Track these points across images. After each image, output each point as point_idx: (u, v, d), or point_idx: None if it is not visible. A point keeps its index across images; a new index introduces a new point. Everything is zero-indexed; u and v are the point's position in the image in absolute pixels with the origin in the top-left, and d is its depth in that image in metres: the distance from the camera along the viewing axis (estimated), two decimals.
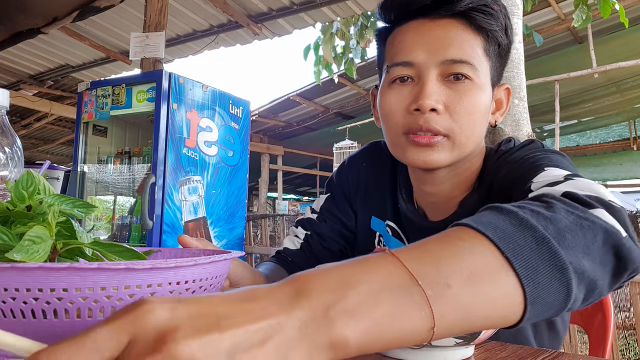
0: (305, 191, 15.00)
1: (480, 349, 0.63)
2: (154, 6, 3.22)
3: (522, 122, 2.28)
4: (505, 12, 0.76)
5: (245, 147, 3.23)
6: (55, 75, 5.45)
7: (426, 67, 0.72)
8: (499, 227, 0.39)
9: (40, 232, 0.47)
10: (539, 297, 0.38)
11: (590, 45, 4.65)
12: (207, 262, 0.48)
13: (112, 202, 3.17)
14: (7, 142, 0.65)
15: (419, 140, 0.72)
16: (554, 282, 0.39)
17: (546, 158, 0.67)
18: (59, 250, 0.50)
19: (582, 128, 8.20)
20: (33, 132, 7.61)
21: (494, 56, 0.76)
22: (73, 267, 0.40)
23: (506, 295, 0.37)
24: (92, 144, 3.11)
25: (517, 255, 0.38)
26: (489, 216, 0.41)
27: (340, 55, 5.30)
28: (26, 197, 0.50)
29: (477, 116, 0.73)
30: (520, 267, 0.37)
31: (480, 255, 0.37)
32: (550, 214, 0.43)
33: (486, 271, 0.37)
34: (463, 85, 0.72)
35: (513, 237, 0.39)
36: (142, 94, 2.79)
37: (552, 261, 0.39)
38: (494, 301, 0.37)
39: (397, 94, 0.74)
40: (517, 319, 0.39)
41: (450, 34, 0.72)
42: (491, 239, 0.38)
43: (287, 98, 7.23)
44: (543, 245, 0.39)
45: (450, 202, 0.81)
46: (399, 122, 0.74)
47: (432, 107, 0.70)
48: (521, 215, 0.41)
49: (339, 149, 7.43)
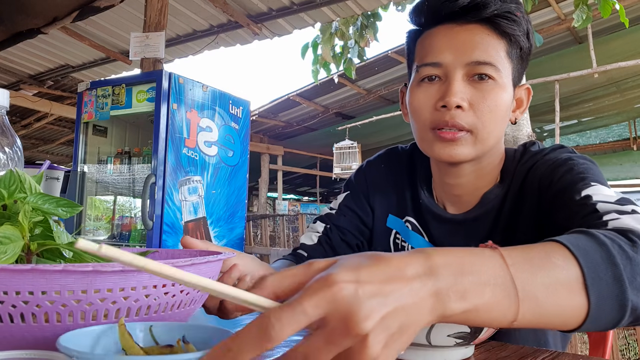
0: (305, 191, 15.00)
1: (481, 349, 0.63)
2: (154, 6, 3.22)
3: (522, 122, 2.28)
4: (527, 18, 0.82)
5: (245, 147, 3.22)
6: (55, 75, 5.45)
7: (453, 68, 0.78)
8: (589, 254, 0.47)
9: (9, 232, 0.45)
10: (596, 319, 0.47)
11: (590, 45, 4.65)
12: (188, 264, 0.46)
13: (112, 202, 3.17)
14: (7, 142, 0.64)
15: (445, 135, 0.78)
16: (613, 312, 0.47)
17: (585, 167, 0.74)
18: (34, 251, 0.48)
19: (582, 128, 8.20)
20: (33, 132, 7.61)
21: (516, 58, 0.82)
22: (37, 269, 0.38)
23: (574, 312, 0.46)
24: (92, 144, 3.11)
25: (595, 288, 0.45)
26: (584, 241, 0.48)
27: (340, 55, 5.30)
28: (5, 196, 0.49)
29: (498, 114, 0.78)
30: (594, 296, 0.45)
31: (568, 276, 0.45)
32: (633, 255, 0.49)
33: (568, 288, 0.45)
34: (487, 84, 0.77)
35: (597, 270, 0.46)
36: (142, 94, 2.79)
37: (619, 297, 0.47)
38: (563, 314, 0.45)
39: (426, 92, 0.80)
40: (574, 327, 0.48)
41: (476, 37, 0.78)
42: (581, 265, 0.45)
43: (287, 98, 7.23)
44: (617, 282, 0.47)
45: (472, 195, 0.86)
46: (427, 118, 0.80)
47: (458, 104, 0.76)
48: (609, 248, 0.48)
49: (339, 149, 7.43)
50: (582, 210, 0.65)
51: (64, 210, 0.52)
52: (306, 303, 0.33)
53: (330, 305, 0.33)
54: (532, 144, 0.88)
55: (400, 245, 0.95)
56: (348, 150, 7.35)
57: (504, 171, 0.86)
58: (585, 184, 0.69)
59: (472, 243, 0.83)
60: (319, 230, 0.99)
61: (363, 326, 0.33)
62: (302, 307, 0.33)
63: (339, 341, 0.33)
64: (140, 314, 0.45)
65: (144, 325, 0.42)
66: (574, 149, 0.82)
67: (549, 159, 0.79)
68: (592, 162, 0.77)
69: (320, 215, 1.03)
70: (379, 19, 5.20)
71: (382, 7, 4.65)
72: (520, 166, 0.83)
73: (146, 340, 0.42)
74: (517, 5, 0.80)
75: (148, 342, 0.42)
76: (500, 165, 0.87)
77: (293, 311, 0.33)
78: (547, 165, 0.78)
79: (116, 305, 0.43)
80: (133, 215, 3.10)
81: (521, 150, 0.87)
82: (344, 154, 7.39)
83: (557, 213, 0.72)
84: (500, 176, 0.86)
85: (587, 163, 0.76)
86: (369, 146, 7.99)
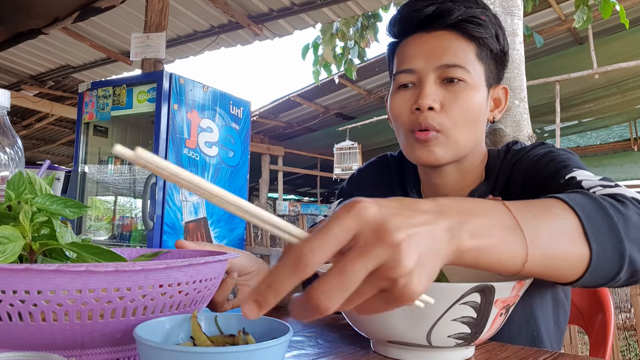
0: (305, 192, 14.99)
1: (481, 350, 0.63)
2: (155, 7, 3.22)
3: (523, 123, 2.28)
4: (495, 21, 0.86)
5: (246, 147, 3.22)
6: (56, 75, 5.46)
7: (425, 72, 0.83)
8: (585, 208, 0.51)
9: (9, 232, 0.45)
10: (597, 267, 0.51)
11: (590, 46, 4.65)
12: (185, 265, 0.47)
13: (112, 203, 3.17)
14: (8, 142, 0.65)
15: (419, 136, 0.82)
16: (613, 261, 0.51)
17: (566, 157, 0.78)
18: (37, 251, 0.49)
19: (582, 129, 8.20)
20: (34, 133, 7.61)
21: (488, 60, 0.86)
22: (31, 268, 0.39)
23: (577, 258, 0.50)
24: (93, 144, 3.11)
25: (594, 235, 0.50)
26: (580, 198, 0.53)
27: (340, 56, 5.30)
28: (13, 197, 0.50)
29: (471, 113, 0.82)
30: (594, 243, 0.50)
31: (568, 224, 0.49)
32: (624, 210, 0.54)
33: (570, 236, 0.49)
34: (458, 86, 0.82)
35: (595, 220, 0.51)
36: (142, 95, 2.79)
37: (617, 246, 0.51)
38: (568, 259, 0.49)
39: (402, 98, 0.85)
40: (574, 278, 0.52)
41: (445, 43, 0.83)
42: (579, 216, 0.50)
43: (288, 99, 7.23)
44: (614, 232, 0.52)
45: (458, 194, 0.90)
46: (405, 121, 0.85)
47: (430, 105, 0.80)
48: (602, 204, 0.53)
49: (339, 149, 7.43)
50: (567, 189, 0.69)
51: (71, 210, 0.52)
52: (336, 226, 0.34)
53: (360, 222, 0.34)
54: (515, 143, 0.91)
55: None
56: (349, 150, 7.34)
57: (488, 170, 0.90)
58: (569, 170, 0.74)
59: None
60: None
61: (396, 235, 0.34)
62: (333, 232, 0.34)
63: (374, 252, 0.34)
64: (137, 314, 0.45)
65: (210, 315, 0.49)
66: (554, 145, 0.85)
67: (531, 154, 0.83)
68: (572, 153, 0.80)
69: (315, 222, 1.05)
70: (379, 19, 5.20)
71: (382, 8, 4.65)
72: (505, 163, 0.87)
73: (212, 329, 0.48)
74: (482, 9, 0.84)
75: (213, 331, 0.48)
76: (484, 164, 0.90)
77: (324, 237, 0.34)
78: (530, 159, 0.82)
79: (111, 305, 0.43)
80: (134, 215, 3.10)
81: (504, 150, 0.91)
82: (345, 155, 7.39)
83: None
84: (485, 175, 0.90)
85: (567, 154, 0.80)
86: (370, 147, 7.99)
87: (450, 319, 0.53)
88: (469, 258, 0.41)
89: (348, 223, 0.34)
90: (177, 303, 0.49)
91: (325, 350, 0.61)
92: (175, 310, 0.49)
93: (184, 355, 0.37)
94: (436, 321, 0.53)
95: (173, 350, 0.38)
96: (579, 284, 0.53)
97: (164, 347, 0.38)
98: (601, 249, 0.50)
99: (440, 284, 0.52)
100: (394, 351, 0.58)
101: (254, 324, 0.48)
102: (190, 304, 0.51)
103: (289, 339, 0.42)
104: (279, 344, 0.40)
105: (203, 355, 0.38)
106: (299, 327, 0.73)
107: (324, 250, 0.33)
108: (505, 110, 0.95)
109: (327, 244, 0.33)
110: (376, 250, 0.34)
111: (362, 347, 0.63)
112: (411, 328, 0.54)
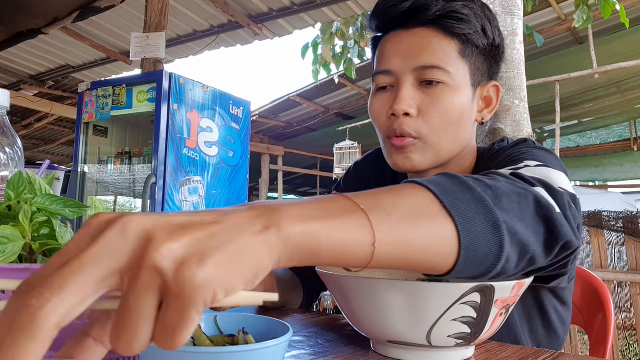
0: (305, 192, 15.00)
1: (481, 349, 0.63)
2: (155, 6, 3.22)
3: (523, 123, 2.28)
4: (480, 14, 0.78)
5: (246, 147, 3.22)
6: (55, 75, 5.45)
7: (402, 74, 0.77)
8: (441, 184, 0.44)
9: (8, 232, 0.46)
10: (472, 245, 0.43)
11: (590, 46, 4.65)
12: None
13: (112, 203, 3.17)
14: (7, 142, 0.65)
15: (395, 142, 0.78)
16: (488, 235, 0.44)
17: (529, 153, 0.69)
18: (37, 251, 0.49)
19: (582, 129, 8.19)
20: (34, 133, 7.61)
21: (474, 57, 0.79)
22: (31, 268, 0.39)
23: (442, 236, 0.41)
24: (93, 144, 3.11)
25: (455, 207, 0.42)
26: (435, 178, 0.46)
27: (340, 55, 5.30)
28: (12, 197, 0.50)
29: (450, 117, 0.76)
30: (457, 215, 0.42)
31: (420, 200, 0.42)
32: (491, 182, 0.49)
33: (424, 211, 0.41)
34: (436, 89, 0.76)
35: (453, 193, 0.44)
36: (142, 95, 2.79)
37: (487, 216, 0.44)
38: (431, 237, 0.41)
39: (380, 101, 0.81)
40: (452, 262, 0.43)
41: (423, 41, 0.76)
42: (433, 191, 0.43)
43: (288, 98, 7.22)
44: (480, 203, 0.44)
45: None
46: (382, 126, 0.81)
47: (405, 111, 0.75)
48: (463, 179, 0.46)
49: (339, 149, 7.42)
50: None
51: (71, 210, 0.52)
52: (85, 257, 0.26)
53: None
54: (501, 140, 0.86)
55: None
56: (349, 150, 7.34)
57: (477, 169, 0.86)
58: (515, 164, 0.65)
59: None
60: None
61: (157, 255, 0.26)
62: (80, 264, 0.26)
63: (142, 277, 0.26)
64: None
65: (210, 315, 0.49)
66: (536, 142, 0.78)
67: (509, 153, 0.75)
68: (549, 152, 0.72)
69: None
70: None
71: None
72: (490, 162, 0.81)
73: (211, 329, 0.48)
74: (464, 3, 0.76)
75: (213, 331, 0.48)
76: (473, 165, 0.86)
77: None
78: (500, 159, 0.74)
79: None
80: None
81: (489, 148, 0.86)
82: (345, 155, 7.39)
83: None
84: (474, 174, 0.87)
85: (533, 150, 0.71)
86: (370, 146, 7.97)
87: (450, 319, 0.53)
88: (303, 249, 0.33)
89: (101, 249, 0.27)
90: None
91: (325, 350, 0.61)
92: None
93: (184, 355, 0.37)
94: (436, 321, 0.52)
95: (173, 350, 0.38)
96: (458, 271, 0.44)
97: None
98: (468, 222, 0.42)
99: (440, 284, 0.51)
100: (393, 351, 0.58)
101: (254, 324, 0.48)
102: None
103: (289, 338, 0.42)
104: (279, 344, 0.40)
105: (203, 355, 0.38)
106: (299, 327, 0.73)
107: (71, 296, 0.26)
108: (505, 110, 0.92)
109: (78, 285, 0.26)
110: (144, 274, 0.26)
111: (362, 347, 0.62)
112: (411, 328, 0.53)
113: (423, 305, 0.52)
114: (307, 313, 0.85)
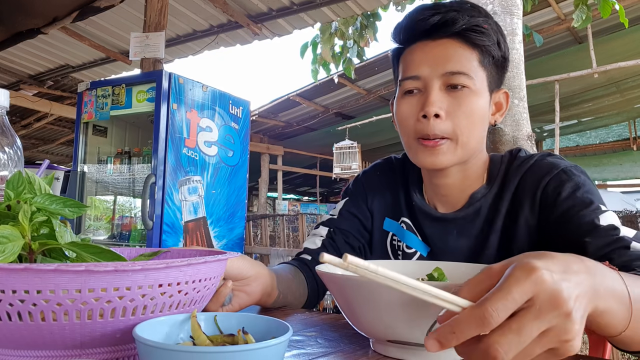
0: (305, 191, 15.00)
1: None
2: (154, 6, 3.22)
3: (522, 122, 2.28)
4: (497, 29, 0.89)
5: (245, 147, 3.22)
6: (55, 75, 5.45)
7: (430, 79, 0.85)
8: None
9: (8, 232, 0.45)
10: None
11: (590, 45, 4.65)
12: (184, 264, 0.47)
13: (112, 202, 3.17)
14: (7, 142, 0.65)
15: (427, 143, 0.85)
16: None
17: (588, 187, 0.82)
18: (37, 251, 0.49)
19: (582, 128, 8.20)
20: (33, 132, 7.61)
21: (490, 66, 0.89)
22: (30, 268, 0.39)
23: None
24: (92, 144, 3.11)
25: None
26: None
27: (339, 55, 5.30)
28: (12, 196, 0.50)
29: (475, 118, 0.85)
30: None
31: None
32: None
33: None
34: (462, 93, 0.85)
35: None
36: (142, 94, 2.79)
37: None
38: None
39: (408, 104, 0.88)
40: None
41: (449, 51, 0.86)
42: None
43: (287, 98, 7.22)
44: None
45: (460, 195, 0.93)
46: (411, 128, 0.87)
47: (436, 112, 0.83)
48: None
49: (338, 149, 7.42)
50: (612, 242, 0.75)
51: (71, 210, 0.52)
52: (515, 291, 0.39)
53: (537, 289, 0.39)
54: (518, 150, 0.94)
55: (397, 246, 1.00)
56: (348, 150, 7.35)
57: (491, 174, 0.93)
58: (595, 207, 0.79)
59: (464, 239, 0.91)
60: (323, 234, 1.04)
61: (568, 304, 0.40)
62: (512, 295, 0.39)
63: (549, 317, 0.39)
64: (137, 313, 0.45)
65: (210, 315, 0.49)
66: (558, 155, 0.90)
67: (545, 164, 0.87)
68: (586, 175, 0.85)
69: (322, 221, 1.08)
70: (378, 19, 5.20)
71: (381, 7, 4.65)
72: (514, 170, 0.90)
73: (211, 328, 0.48)
74: (485, 18, 0.87)
75: (213, 330, 0.48)
76: (485, 167, 0.94)
77: (505, 300, 0.39)
78: (546, 172, 0.85)
79: (111, 305, 0.43)
80: (133, 215, 3.10)
81: (508, 156, 0.94)
82: (344, 154, 7.39)
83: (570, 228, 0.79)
84: (487, 178, 0.93)
85: (583, 176, 0.84)
86: (369, 146, 7.99)
87: None
88: (594, 316, 0.46)
89: (528, 288, 0.39)
90: (176, 303, 0.48)
91: (325, 350, 0.61)
92: (175, 310, 0.49)
93: (183, 354, 0.37)
94: (436, 321, 0.52)
95: (173, 349, 0.38)
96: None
97: (164, 347, 0.38)
98: None
99: (439, 284, 0.51)
100: (394, 351, 0.58)
101: (254, 323, 0.48)
102: (189, 304, 0.51)
103: (289, 338, 0.42)
104: (279, 344, 0.40)
105: (203, 354, 0.38)
106: (299, 327, 0.73)
107: (506, 311, 0.39)
108: None
109: (509, 306, 0.39)
110: (551, 316, 0.39)
111: (362, 347, 0.63)
112: (411, 328, 0.53)
113: (423, 305, 0.52)
114: (307, 313, 0.85)
